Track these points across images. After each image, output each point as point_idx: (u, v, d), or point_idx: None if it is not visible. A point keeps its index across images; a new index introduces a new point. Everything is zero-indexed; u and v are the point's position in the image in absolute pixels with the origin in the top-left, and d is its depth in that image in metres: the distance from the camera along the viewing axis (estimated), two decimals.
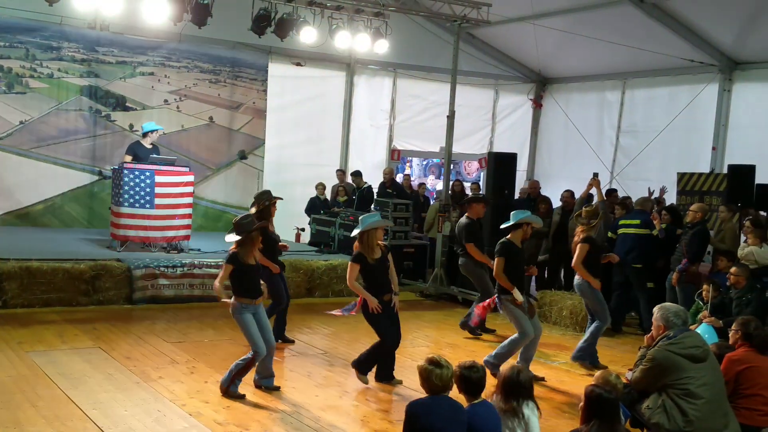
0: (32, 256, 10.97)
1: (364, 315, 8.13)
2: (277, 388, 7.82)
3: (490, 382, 5.61)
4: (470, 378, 5.13)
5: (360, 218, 8.25)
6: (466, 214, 11.10)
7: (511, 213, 8.98)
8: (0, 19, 13.75)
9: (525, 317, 8.64)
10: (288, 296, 9.72)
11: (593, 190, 12.51)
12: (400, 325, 8.37)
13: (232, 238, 7.52)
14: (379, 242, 8.15)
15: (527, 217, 8.81)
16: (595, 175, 12.33)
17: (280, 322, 9.64)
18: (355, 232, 8.14)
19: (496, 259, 8.68)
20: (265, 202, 9.34)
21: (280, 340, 9.35)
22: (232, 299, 7.51)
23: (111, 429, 6.47)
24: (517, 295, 8.55)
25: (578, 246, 9.26)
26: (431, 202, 16.25)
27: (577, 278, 9.42)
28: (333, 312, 8.37)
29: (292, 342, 9.79)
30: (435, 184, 21.35)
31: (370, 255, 8.04)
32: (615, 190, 14.61)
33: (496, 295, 8.80)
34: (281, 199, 9.61)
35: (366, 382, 8.18)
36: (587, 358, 9.39)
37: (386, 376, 8.37)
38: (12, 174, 13.96)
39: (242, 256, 7.50)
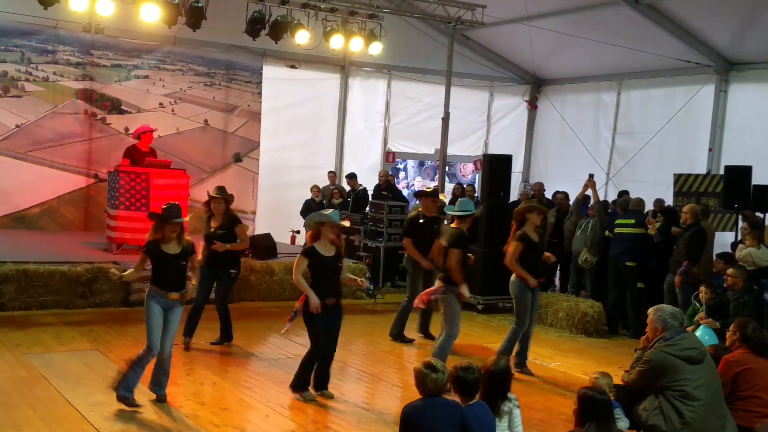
0: (29, 258, 10.97)
1: (303, 314, 7.65)
2: (163, 399, 7.29)
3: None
4: (466, 379, 5.15)
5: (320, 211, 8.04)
6: (419, 209, 10.69)
7: (460, 201, 8.83)
8: None
9: (459, 317, 8.51)
10: (204, 298, 9.34)
11: (589, 191, 12.56)
12: (338, 336, 7.91)
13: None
14: (336, 242, 7.75)
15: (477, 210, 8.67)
16: (591, 176, 12.36)
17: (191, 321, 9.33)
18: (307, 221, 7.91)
19: (452, 250, 8.39)
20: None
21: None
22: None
23: (108, 431, 6.46)
24: (465, 291, 8.38)
25: (512, 244, 9.01)
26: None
27: (512, 277, 9.07)
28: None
29: None
30: (422, 186, 21.24)
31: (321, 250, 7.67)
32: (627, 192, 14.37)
33: (442, 284, 8.45)
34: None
35: (312, 398, 7.66)
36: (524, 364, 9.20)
37: (319, 385, 7.84)
38: (8, 177, 13.94)
39: (160, 243, 7.20)
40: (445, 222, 10.79)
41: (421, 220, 10.40)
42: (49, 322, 10.19)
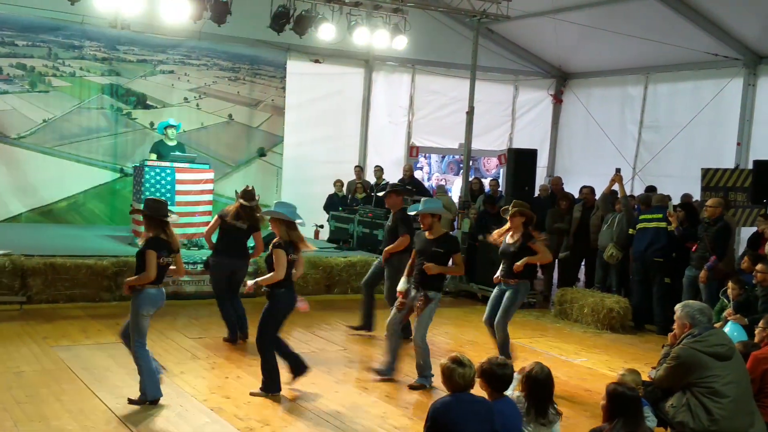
0: (56, 252, 11.05)
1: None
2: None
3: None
4: (500, 375, 5.11)
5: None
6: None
7: (424, 200, 8.60)
8: (23, 19, 13.87)
9: None
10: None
11: (615, 186, 12.46)
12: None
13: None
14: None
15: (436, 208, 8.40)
16: (617, 170, 12.26)
17: None
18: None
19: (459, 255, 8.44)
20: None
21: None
22: None
23: (134, 423, 6.51)
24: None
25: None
26: None
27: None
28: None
29: None
30: (441, 180, 21.22)
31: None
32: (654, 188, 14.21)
33: (422, 294, 8.13)
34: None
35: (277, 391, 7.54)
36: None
37: (296, 369, 7.81)
38: (36, 171, 14.08)
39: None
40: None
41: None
42: (75, 315, 10.28)
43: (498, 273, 8.80)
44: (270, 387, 7.49)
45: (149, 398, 6.94)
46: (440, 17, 16.48)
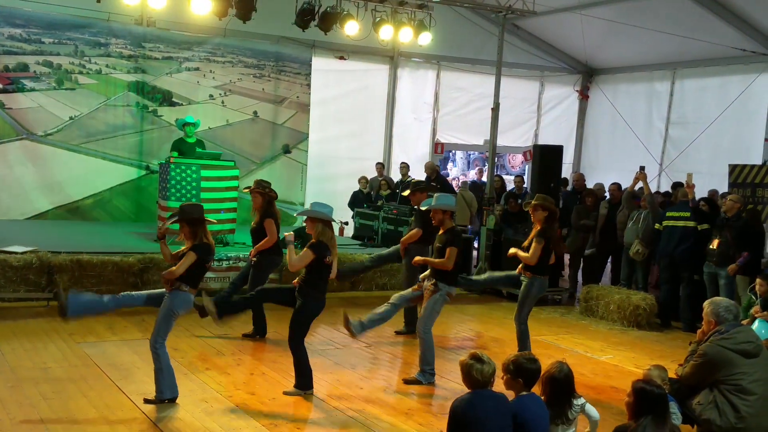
0: (82, 249, 11.13)
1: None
2: None
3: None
4: (529, 370, 5.08)
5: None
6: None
7: (436, 196, 8.56)
8: (49, 16, 14.00)
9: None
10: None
11: (640, 184, 12.36)
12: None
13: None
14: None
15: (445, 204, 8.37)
16: (642, 168, 12.15)
17: None
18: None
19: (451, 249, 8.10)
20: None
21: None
22: None
23: (160, 419, 6.55)
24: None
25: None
26: None
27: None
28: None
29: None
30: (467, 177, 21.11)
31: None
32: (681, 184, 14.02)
33: (433, 281, 8.11)
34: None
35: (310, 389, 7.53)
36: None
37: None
38: (62, 168, 14.21)
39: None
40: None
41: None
42: None
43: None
44: (304, 385, 7.46)
45: (167, 397, 6.92)
46: (466, 13, 16.43)
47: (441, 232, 8.30)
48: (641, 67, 17.33)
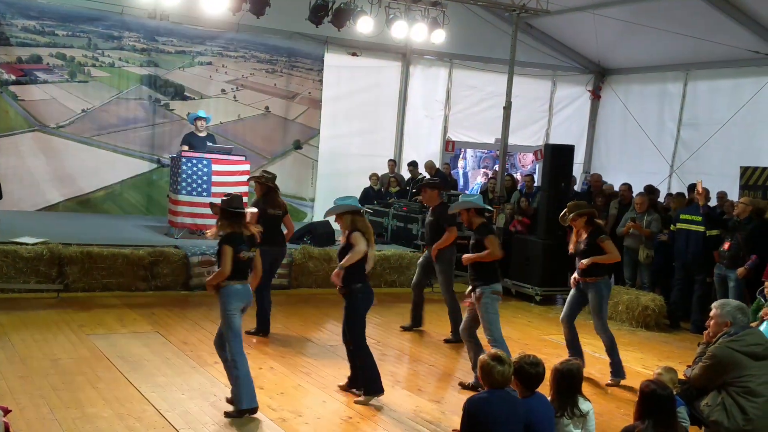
0: (93, 241, 11.19)
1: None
2: None
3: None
4: (530, 373, 5.07)
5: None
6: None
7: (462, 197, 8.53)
8: (63, 9, 14.04)
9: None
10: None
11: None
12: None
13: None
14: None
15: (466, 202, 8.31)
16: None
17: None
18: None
19: (489, 238, 7.97)
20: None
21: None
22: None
23: (168, 412, 6.58)
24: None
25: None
26: None
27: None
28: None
29: None
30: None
31: None
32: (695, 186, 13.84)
33: (480, 285, 7.94)
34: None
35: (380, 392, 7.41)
36: None
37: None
38: (74, 161, 14.25)
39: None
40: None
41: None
42: (111, 303, 10.40)
43: (575, 274, 8.69)
44: (372, 390, 7.29)
45: (245, 407, 6.59)
46: (479, 11, 16.40)
47: (474, 229, 8.14)
48: (654, 67, 17.26)
